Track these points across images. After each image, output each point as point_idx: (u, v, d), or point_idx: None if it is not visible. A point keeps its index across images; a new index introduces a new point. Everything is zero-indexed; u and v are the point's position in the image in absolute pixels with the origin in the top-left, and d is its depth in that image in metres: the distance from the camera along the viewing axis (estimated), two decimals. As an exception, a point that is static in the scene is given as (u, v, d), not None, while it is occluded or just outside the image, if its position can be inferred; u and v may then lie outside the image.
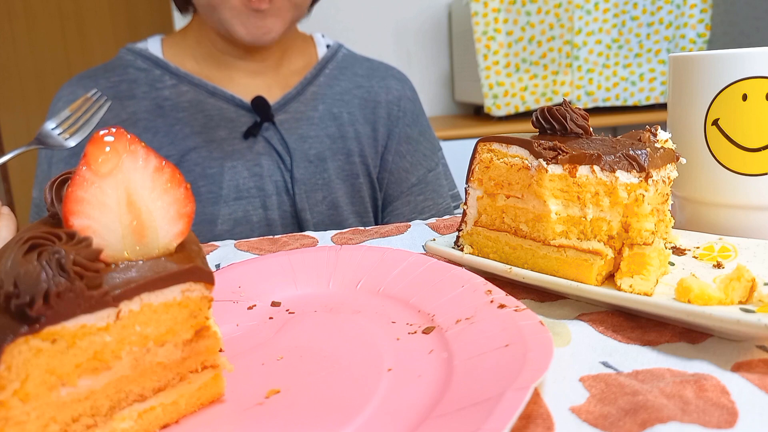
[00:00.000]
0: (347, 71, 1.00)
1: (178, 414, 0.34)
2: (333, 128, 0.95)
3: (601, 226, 0.45)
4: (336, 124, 0.96)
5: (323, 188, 0.94)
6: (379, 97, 0.99)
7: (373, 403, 0.33)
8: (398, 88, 1.02)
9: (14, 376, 0.27)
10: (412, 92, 1.05)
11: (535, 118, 0.50)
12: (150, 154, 0.32)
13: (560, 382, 0.35)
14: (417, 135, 1.02)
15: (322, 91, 0.96)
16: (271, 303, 0.48)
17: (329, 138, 0.95)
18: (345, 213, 0.96)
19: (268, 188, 0.91)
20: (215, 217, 0.89)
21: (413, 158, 1.00)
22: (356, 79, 1.00)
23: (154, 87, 0.91)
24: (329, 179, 0.94)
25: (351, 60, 1.02)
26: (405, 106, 1.01)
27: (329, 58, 1.00)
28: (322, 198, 0.94)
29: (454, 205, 1.05)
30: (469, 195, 0.52)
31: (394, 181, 1.00)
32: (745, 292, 0.39)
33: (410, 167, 1.00)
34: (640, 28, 2.14)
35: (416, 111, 1.03)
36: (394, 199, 1.00)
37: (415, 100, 1.04)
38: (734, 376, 0.34)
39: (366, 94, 0.99)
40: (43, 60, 3.11)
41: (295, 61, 0.99)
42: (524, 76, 2.12)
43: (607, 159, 0.44)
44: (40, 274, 0.26)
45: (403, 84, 1.04)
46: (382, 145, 0.99)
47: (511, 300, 0.41)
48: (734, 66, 0.51)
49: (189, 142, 0.89)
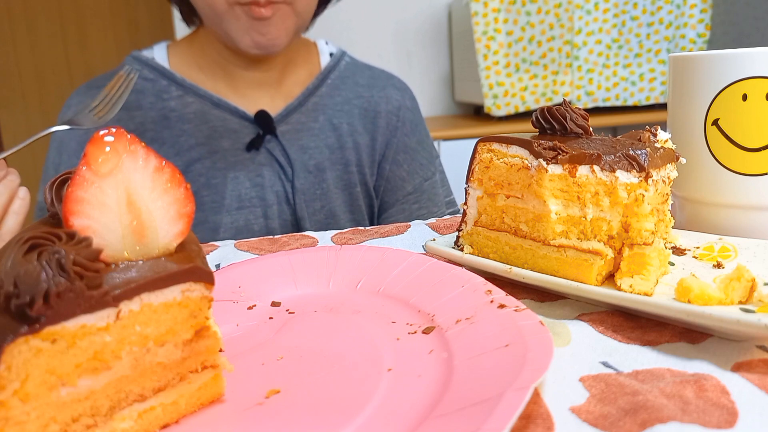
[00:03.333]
0: (349, 81, 1.01)
1: (178, 414, 0.34)
2: (332, 139, 0.97)
3: (601, 226, 0.45)
4: (335, 134, 0.97)
5: (321, 198, 0.95)
6: (379, 107, 1.00)
7: (373, 403, 0.33)
8: (398, 98, 1.03)
9: (14, 376, 0.27)
10: (412, 101, 1.06)
11: (535, 118, 0.50)
12: (150, 154, 0.32)
13: (560, 382, 0.35)
14: (415, 144, 1.03)
15: (323, 102, 0.97)
16: (271, 303, 0.48)
17: (328, 148, 0.96)
18: (342, 221, 0.97)
19: (270, 198, 0.92)
20: (218, 226, 0.90)
21: (410, 167, 1.01)
22: (357, 88, 1.01)
23: (161, 98, 0.92)
24: (327, 189, 0.95)
25: (353, 69, 1.03)
26: (404, 116, 1.02)
27: (331, 68, 1.00)
28: (321, 207, 0.95)
29: (449, 212, 1.06)
30: (469, 195, 0.52)
31: (390, 189, 1.01)
32: (745, 292, 0.39)
33: (407, 176, 1.01)
34: (640, 28, 2.14)
35: (415, 120, 1.04)
36: (389, 206, 1.01)
37: (414, 109, 1.05)
38: (734, 376, 0.34)
39: (366, 104, 1.00)
40: (43, 60, 3.11)
41: (298, 71, 1.00)
42: (524, 76, 2.12)
43: (607, 159, 0.44)
44: (40, 274, 0.26)
45: (403, 93, 1.04)
46: (379, 154, 1.00)
47: (511, 300, 0.41)
48: (734, 66, 0.51)
49: (194, 153, 0.90)
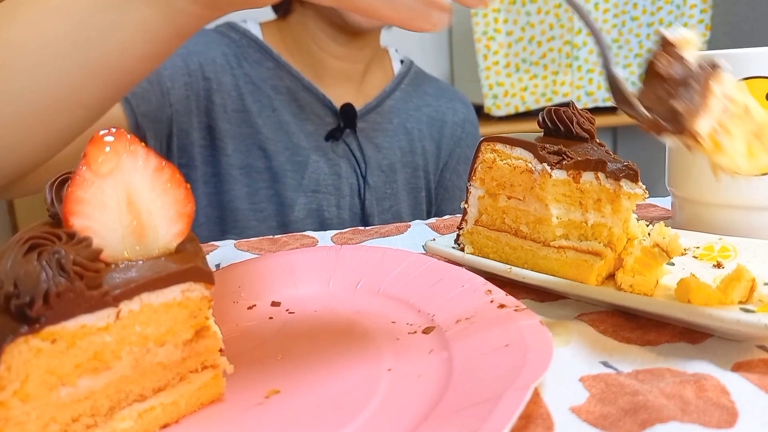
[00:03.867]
0: (419, 89, 1.05)
1: (178, 414, 0.34)
2: (404, 141, 1.00)
3: (602, 232, 0.45)
4: (407, 138, 1.00)
5: (391, 198, 0.98)
6: (446, 117, 1.05)
7: (373, 403, 0.33)
8: (464, 111, 1.08)
9: (14, 376, 0.27)
10: (475, 118, 1.11)
11: (542, 118, 0.50)
12: (150, 154, 0.32)
13: (560, 382, 0.35)
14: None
15: (397, 106, 1.01)
16: (271, 303, 0.48)
17: (400, 150, 0.99)
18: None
19: (344, 189, 0.94)
20: (294, 203, 0.91)
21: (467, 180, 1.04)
22: (426, 97, 1.05)
23: (259, 63, 0.93)
24: (397, 190, 0.99)
25: (422, 78, 1.07)
26: (468, 129, 1.08)
27: (404, 74, 1.04)
28: (389, 207, 0.98)
29: None
30: (470, 194, 0.52)
31: (447, 198, 1.06)
32: (745, 292, 0.38)
33: (464, 187, 1.03)
34: (640, 28, 2.14)
35: (476, 135, 1.10)
36: (442, 214, 1.04)
37: (476, 125, 1.11)
38: (734, 376, 0.34)
39: (434, 113, 1.04)
40: (43, 60, 3.10)
41: (376, 73, 1.03)
42: (524, 76, 2.11)
43: (611, 167, 0.43)
44: (40, 274, 0.26)
45: (467, 109, 1.10)
46: (443, 162, 1.05)
47: (511, 300, 0.41)
48: (734, 66, 0.51)
49: (284, 121, 0.91)
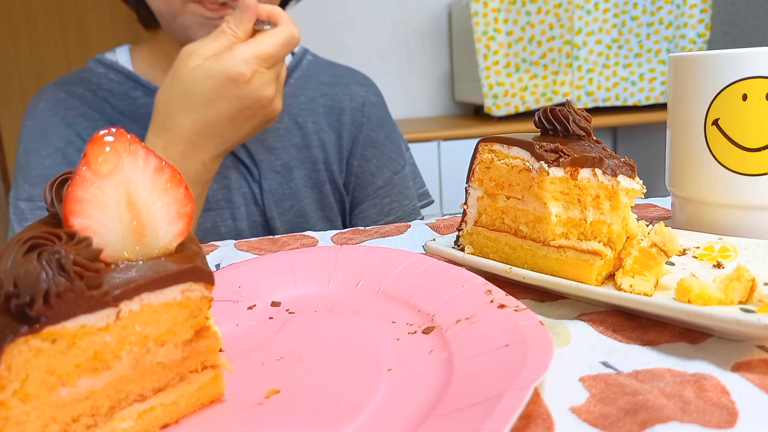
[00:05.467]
0: (312, 80, 1.01)
1: (178, 414, 0.34)
2: (298, 138, 0.96)
3: (602, 229, 0.45)
4: (301, 133, 0.97)
5: (290, 197, 0.95)
6: (344, 104, 1.00)
7: (373, 403, 0.33)
8: (362, 93, 1.03)
9: (14, 376, 0.27)
10: (377, 96, 1.06)
11: (538, 118, 0.50)
12: (150, 154, 0.32)
13: (560, 382, 0.35)
14: (382, 138, 1.03)
15: (287, 102, 0.96)
16: (271, 303, 0.48)
17: (295, 148, 0.96)
18: (312, 220, 0.97)
19: (237, 200, 0.92)
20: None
21: (379, 161, 1.02)
22: (321, 87, 1.01)
23: (128, 96, 0.91)
24: (296, 188, 0.95)
25: (316, 67, 1.03)
26: (369, 111, 1.02)
27: (293, 67, 1.00)
28: (290, 207, 0.95)
29: (421, 204, 1.07)
30: (469, 195, 0.52)
31: (360, 185, 1.01)
32: (745, 292, 0.38)
33: (376, 170, 1.01)
34: (640, 28, 2.14)
35: (381, 115, 1.04)
36: (360, 202, 1.01)
37: (379, 104, 1.05)
38: (734, 376, 0.34)
39: (330, 102, 1.00)
40: (43, 60, 3.10)
41: None
42: (524, 76, 2.12)
43: (609, 163, 0.44)
44: (40, 274, 0.26)
45: (367, 89, 1.04)
46: (347, 151, 1.00)
47: (511, 300, 0.41)
48: (734, 66, 0.51)
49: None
